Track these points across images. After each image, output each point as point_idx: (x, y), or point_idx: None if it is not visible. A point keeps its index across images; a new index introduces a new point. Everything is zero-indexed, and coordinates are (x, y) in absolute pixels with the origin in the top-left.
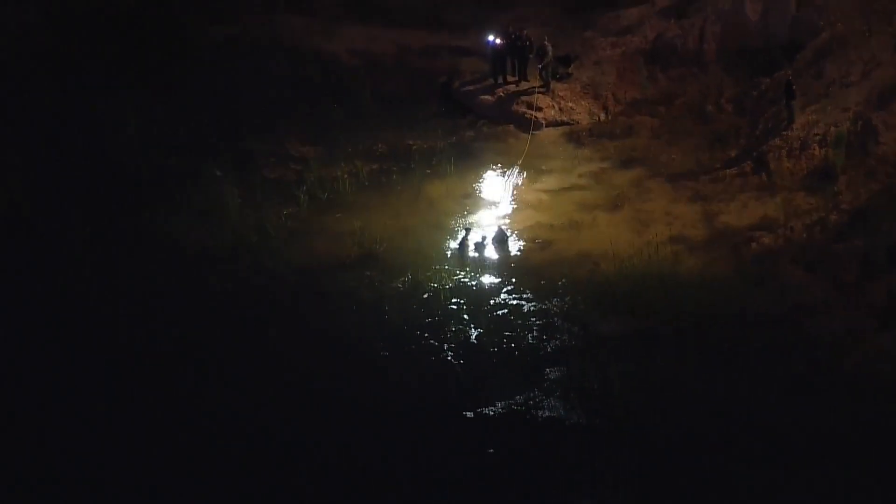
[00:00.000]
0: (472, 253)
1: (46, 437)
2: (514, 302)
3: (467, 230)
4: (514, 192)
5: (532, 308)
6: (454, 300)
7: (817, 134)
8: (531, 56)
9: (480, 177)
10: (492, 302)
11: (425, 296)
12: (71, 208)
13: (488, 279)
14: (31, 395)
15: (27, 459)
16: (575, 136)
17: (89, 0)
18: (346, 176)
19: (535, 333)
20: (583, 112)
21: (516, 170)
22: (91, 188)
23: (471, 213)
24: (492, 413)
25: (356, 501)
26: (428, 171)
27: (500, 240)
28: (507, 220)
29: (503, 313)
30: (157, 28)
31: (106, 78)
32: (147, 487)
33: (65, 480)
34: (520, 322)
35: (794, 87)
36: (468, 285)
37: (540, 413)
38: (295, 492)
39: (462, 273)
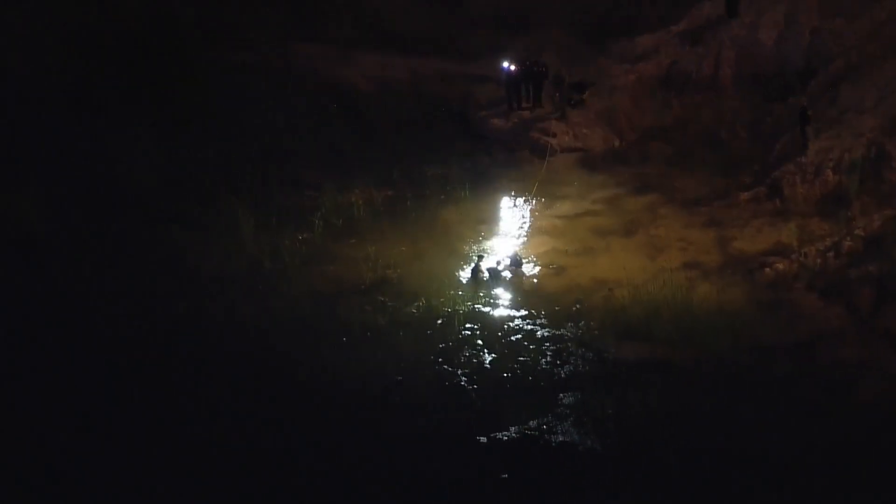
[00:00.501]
0: (486, 278)
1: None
2: (529, 327)
3: (480, 256)
4: (529, 218)
5: (546, 334)
6: (468, 325)
7: (831, 160)
8: (546, 82)
9: (495, 202)
10: (506, 327)
11: (439, 321)
12: (85, 234)
13: (502, 305)
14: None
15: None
16: (589, 162)
17: (105, 29)
18: (360, 202)
19: (549, 359)
20: (597, 138)
21: (531, 196)
22: (105, 214)
23: (485, 238)
24: (506, 438)
25: None
26: (442, 196)
27: (515, 265)
28: (522, 246)
29: (517, 339)
30: (172, 56)
31: (122, 106)
32: None
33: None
34: (534, 347)
35: (809, 112)
36: (482, 311)
37: (554, 438)
38: None
39: (476, 298)
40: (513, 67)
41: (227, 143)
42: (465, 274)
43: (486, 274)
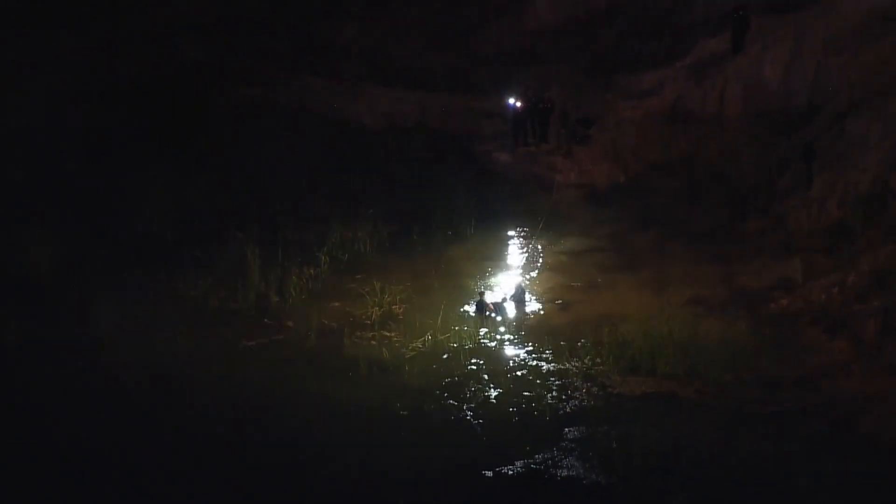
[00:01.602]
0: (491, 313)
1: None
2: (534, 362)
3: (483, 292)
4: (534, 254)
5: (551, 368)
6: (474, 360)
7: (836, 195)
8: (552, 118)
9: (501, 238)
10: (511, 362)
11: (445, 356)
12: (92, 272)
13: (508, 339)
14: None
15: None
16: (595, 198)
17: (118, 74)
18: (366, 237)
19: (554, 393)
20: (602, 173)
21: (536, 231)
22: (114, 253)
23: (491, 274)
24: (511, 472)
25: None
26: (449, 232)
27: (519, 300)
28: (527, 282)
29: (523, 373)
30: (183, 98)
31: (134, 149)
32: None
33: None
34: (539, 382)
35: (814, 147)
36: (488, 346)
37: (559, 472)
38: None
39: (481, 334)
40: (519, 104)
41: (235, 181)
42: (470, 309)
43: (492, 308)
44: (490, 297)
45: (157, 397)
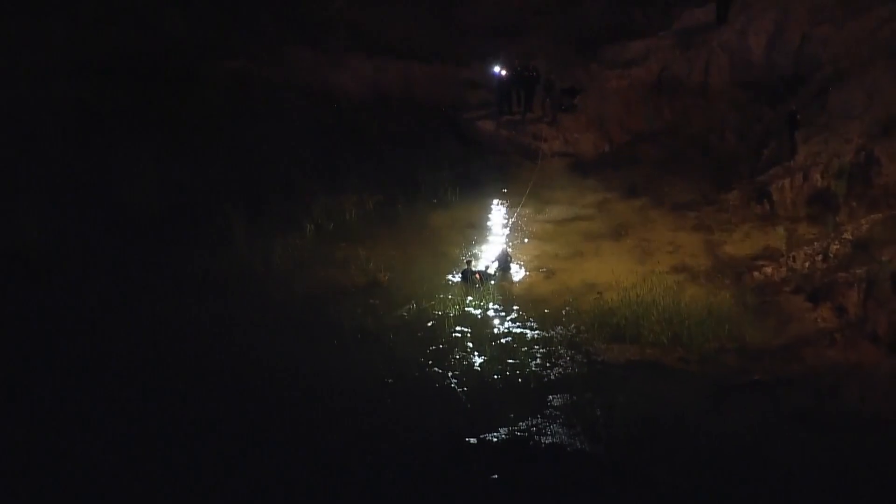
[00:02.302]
0: (476, 282)
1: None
2: (518, 330)
3: (470, 260)
4: (519, 223)
5: (536, 336)
6: (458, 328)
7: (820, 164)
8: (537, 87)
9: (486, 207)
10: (496, 330)
11: (429, 324)
12: (79, 246)
13: (493, 308)
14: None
15: None
16: (580, 167)
17: (104, 50)
18: (351, 206)
19: (538, 361)
20: (587, 143)
21: (521, 200)
22: (101, 225)
23: (476, 243)
24: (495, 439)
25: None
26: (434, 200)
27: (505, 268)
28: (512, 250)
29: (507, 341)
30: (169, 72)
31: (121, 124)
32: None
33: None
34: (524, 350)
35: (798, 117)
36: (472, 314)
37: (543, 440)
38: None
39: (466, 302)
40: (504, 73)
41: (221, 153)
42: (455, 277)
43: (478, 277)
44: (475, 266)
45: (142, 366)
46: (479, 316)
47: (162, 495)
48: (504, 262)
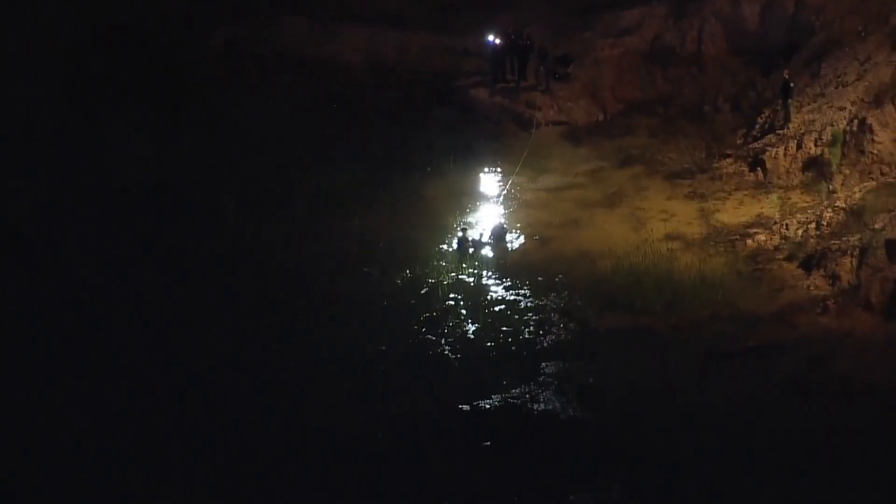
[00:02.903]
0: (470, 250)
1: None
2: (512, 298)
3: (465, 228)
4: (513, 191)
5: (529, 304)
6: (452, 296)
7: (813, 133)
8: (531, 56)
9: (479, 175)
10: (490, 298)
11: (423, 292)
12: (69, 224)
13: (486, 276)
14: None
15: None
16: (573, 136)
17: (96, 24)
18: (345, 178)
19: (532, 329)
20: (581, 112)
21: (515, 168)
22: (91, 204)
23: (470, 211)
24: (488, 406)
25: (353, 492)
26: (428, 169)
27: (499, 237)
28: (506, 218)
29: (501, 309)
30: (157, 42)
31: (110, 98)
32: None
33: None
34: (517, 317)
35: (792, 85)
36: (466, 282)
37: (536, 407)
38: (293, 483)
39: (460, 270)
40: (498, 41)
41: (212, 127)
42: (449, 246)
43: (471, 245)
44: (470, 234)
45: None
46: (473, 284)
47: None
48: (498, 230)
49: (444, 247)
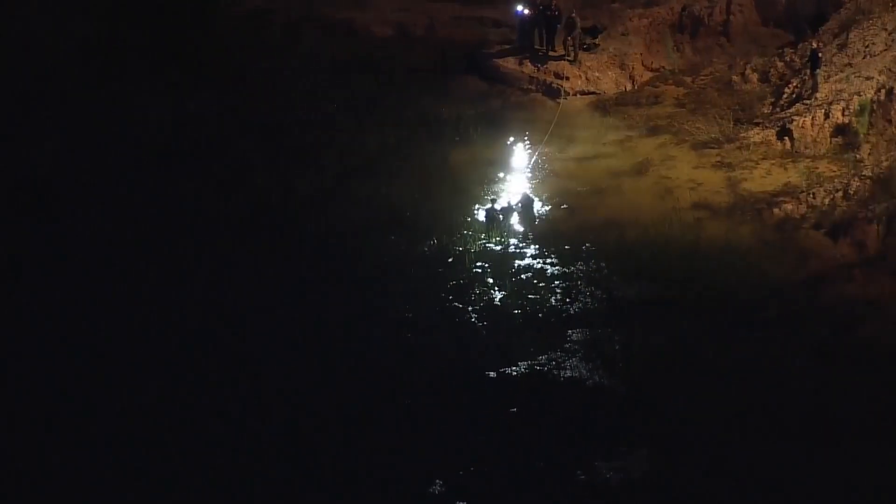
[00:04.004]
0: (499, 218)
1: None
2: (539, 266)
3: (494, 197)
4: (541, 160)
5: (556, 272)
6: (479, 264)
7: (841, 102)
8: (559, 26)
9: (507, 145)
10: (516, 266)
11: (450, 259)
12: (95, 181)
13: (513, 244)
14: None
15: None
16: (601, 106)
17: None
18: (373, 143)
19: (558, 297)
20: (609, 82)
21: (543, 138)
22: (117, 161)
23: (497, 180)
24: (514, 373)
25: (381, 464)
26: (456, 138)
27: (526, 206)
28: (534, 187)
29: (527, 277)
30: (186, 5)
31: (138, 59)
32: None
33: None
34: (544, 285)
35: (820, 55)
36: (493, 250)
37: (562, 374)
38: (320, 453)
39: (487, 238)
40: (526, 11)
41: (240, 91)
42: (476, 213)
43: (499, 214)
44: (498, 203)
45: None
46: (500, 252)
47: None
48: (526, 199)
49: (472, 216)
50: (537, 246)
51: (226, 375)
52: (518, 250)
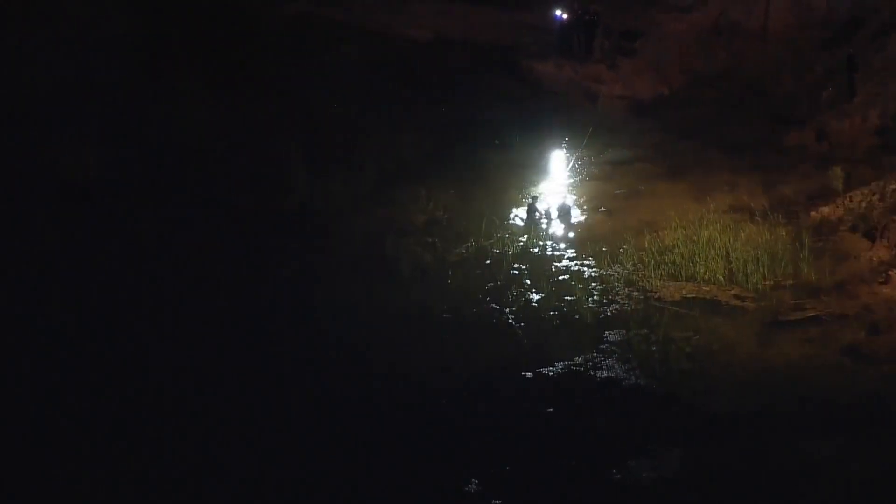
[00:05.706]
0: (537, 221)
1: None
2: (576, 268)
3: (533, 199)
4: (578, 163)
5: (593, 274)
6: (516, 265)
7: (878, 106)
8: (598, 31)
9: (545, 148)
10: (553, 268)
11: (488, 261)
12: (136, 181)
13: (551, 246)
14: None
15: None
16: (638, 109)
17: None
18: (412, 146)
19: (595, 298)
20: (646, 86)
21: (581, 142)
22: (158, 162)
23: (534, 183)
24: (551, 373)
25: (418, 460)
26: (495, 141)
27: (564, 208)
28: (570, 190)
29: (564, 279)
30: (230, 10)
31: (178, 62)
32: None
33: None
34: (581, 287)
35: (857, 60)
36: (530, 252)
37: (599, 374)
38: (360, 452)
39: (525, 240)
40: (565, 16)
41: (280, 94)
42: (513, 216)
43: (537, 216)
44: (536, 205)
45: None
46: (538, 254)
47: None
48: (564, 202)
49: (509, 217)
50: (574, 248)
51: (262, 359)
52: (555, 252)
